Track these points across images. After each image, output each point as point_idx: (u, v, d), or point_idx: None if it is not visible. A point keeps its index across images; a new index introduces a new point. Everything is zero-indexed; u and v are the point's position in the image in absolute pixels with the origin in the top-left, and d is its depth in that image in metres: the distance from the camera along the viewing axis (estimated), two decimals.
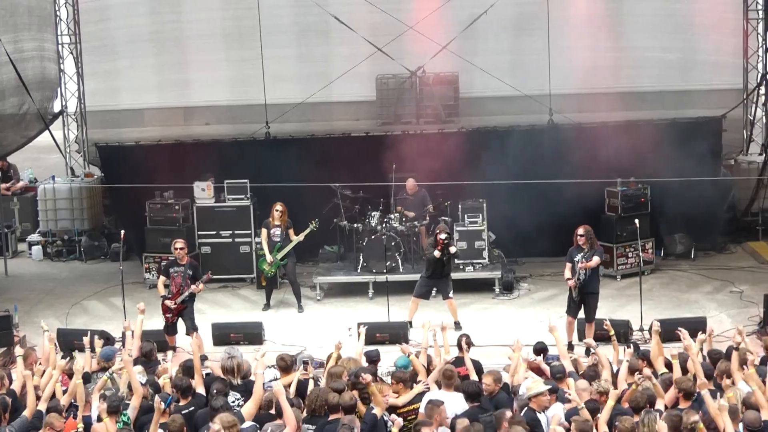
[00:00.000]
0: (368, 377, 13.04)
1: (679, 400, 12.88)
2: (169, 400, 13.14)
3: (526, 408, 12.97)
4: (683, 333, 14.13)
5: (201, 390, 13.70)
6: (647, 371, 13.58)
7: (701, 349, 14.40)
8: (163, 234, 21.53)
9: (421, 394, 13.57)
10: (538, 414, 12.86)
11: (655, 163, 20.91)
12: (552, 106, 22.62)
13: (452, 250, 19.06)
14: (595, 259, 17.55)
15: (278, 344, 18.08)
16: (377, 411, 12.73)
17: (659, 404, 12.77)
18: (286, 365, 14.45)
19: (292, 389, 13.82)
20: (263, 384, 13.43)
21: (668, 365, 14.03)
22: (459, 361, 14.80)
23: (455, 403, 13.20)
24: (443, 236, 18.76)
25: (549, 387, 13.11)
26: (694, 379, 13.10)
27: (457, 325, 18.71)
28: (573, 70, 23.45)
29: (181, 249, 17.95)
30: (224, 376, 13.93)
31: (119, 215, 23.69)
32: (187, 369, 14.31)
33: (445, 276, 19.06)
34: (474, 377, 14.22)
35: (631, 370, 13.67)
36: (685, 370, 13.60)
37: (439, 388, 13.65)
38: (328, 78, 23.56)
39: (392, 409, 13.20)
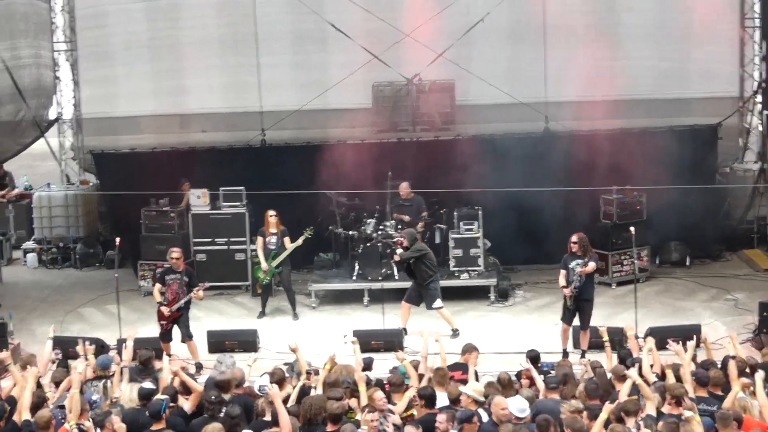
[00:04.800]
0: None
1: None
2: (164, 406, 13.05)
3: None
4: (674, 347, 14.22)
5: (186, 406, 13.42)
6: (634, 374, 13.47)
7: (695, 356, 14.38)
8: (159, 241, 21.50)
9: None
10: None
11: (650, 170, 20.88)
12: (548, 114, 22.66)
13: (395, 257, 19.24)
14: (591, 265, 17.52)
15: (273, 352, 18.08)
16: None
17: (650, 409, 12.71)
18: (278, 378, 14.20)
19: (293, 399, 13.69)
20: (259, 387, 13.48)
21: (661, 375, 14.02)
22: (456, 366, 14.82)
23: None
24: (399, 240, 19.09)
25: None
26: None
27: (455, 333, 18.70)
28: (569, 78, 23.39)
29: (177, 258, 17.94)
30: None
31: (114, 222, 23.67)
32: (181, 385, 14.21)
33: (426, 286, 18.82)
34: (473, 383, 14.16)
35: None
36: (678, 380, 13.57)
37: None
38: (325, 85, 23.50)
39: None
